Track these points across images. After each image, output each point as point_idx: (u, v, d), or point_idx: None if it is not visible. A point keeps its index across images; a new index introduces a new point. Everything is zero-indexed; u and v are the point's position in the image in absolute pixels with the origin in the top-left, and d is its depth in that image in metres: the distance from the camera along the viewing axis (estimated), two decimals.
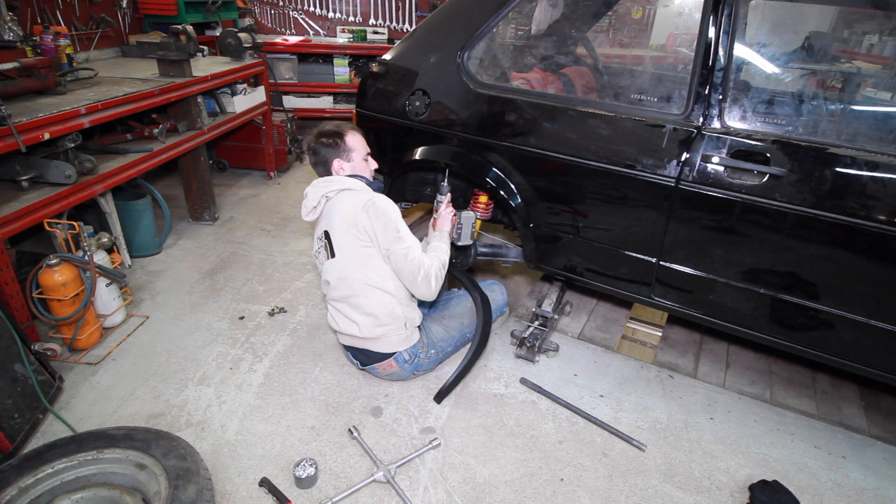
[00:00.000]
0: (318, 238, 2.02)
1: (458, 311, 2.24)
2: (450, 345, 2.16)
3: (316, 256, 2.06)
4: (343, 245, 1.91)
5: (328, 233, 1.94)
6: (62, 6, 3.34)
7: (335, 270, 1.94)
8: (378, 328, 1.95)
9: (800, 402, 2.19)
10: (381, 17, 5.57)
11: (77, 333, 2.17)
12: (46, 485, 1.49)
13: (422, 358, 2.06)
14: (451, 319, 2.20)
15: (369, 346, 2.00)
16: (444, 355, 2.17)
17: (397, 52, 2.47)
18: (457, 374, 2.08)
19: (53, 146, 2.25)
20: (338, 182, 1.95)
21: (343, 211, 1.89)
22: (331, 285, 1.99)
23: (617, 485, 1.76)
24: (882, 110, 2.23)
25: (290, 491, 1.65)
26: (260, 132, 4.14)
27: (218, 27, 4.76)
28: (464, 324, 2.20)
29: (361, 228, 1.87)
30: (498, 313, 2.39)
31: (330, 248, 1.94)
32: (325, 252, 1.98)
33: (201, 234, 3.28)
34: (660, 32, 4.34)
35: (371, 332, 1.95)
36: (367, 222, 1.86)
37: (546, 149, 2.08)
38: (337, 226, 1.90)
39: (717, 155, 1.77)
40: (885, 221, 1.58)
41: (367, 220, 1.86)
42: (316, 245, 2.04)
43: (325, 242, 1.96)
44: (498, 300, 2.36)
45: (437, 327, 2.15)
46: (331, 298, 2.04)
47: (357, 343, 2.02)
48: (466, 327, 2.20)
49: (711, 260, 1.90)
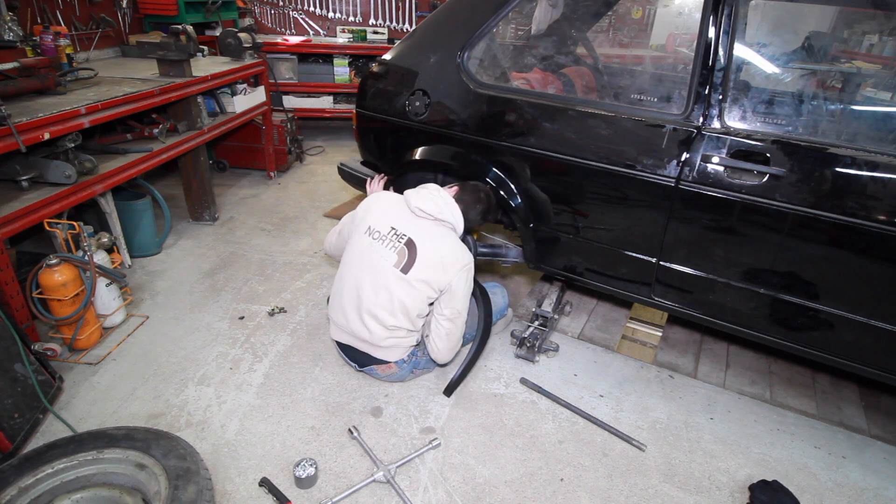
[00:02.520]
0: (394, 230, 1.91)
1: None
2: None
3: (373, 236, 1.93)
4: (422, 275, 1.86)
5: (415, 247, 1.87)
6: (62, 6, 3.34)
7: (394, 282, 1.87)
8: (390, 340, 1.95)
9: (800, 402, 2.19)
10: (381, 17, 5.57)
11: (77, 333, 2.17)
12: (46, 485, 1.48)
13: (419, 356, 2.06)
14: None
15: (372, 352, 2.00)
16: None
17: (397, 52, 2.47)
18: (464, 366, 2.10)
19: (53, 146, 2.25)
20: (455, 217, 1.95)
21: (444, 252, 1.88)
22: (367, 274, 1.90)
23: (617, 485, 1.76)
24: (882, 110, 2.23)
25: (290, 491, 1.65)
26: (260, 132, 4.14)
27: (218, 27, 4.76)
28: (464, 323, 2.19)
29: (445, 281, 1.87)
30: (499, 315, 2.38)
31: (408, 263, 1.86)
32: (395, 256, 1.88)
33: (201, 234, 3.28)
34: (660, 32, 4.34)
35: (381, 342, 1.94)
36: (457, 283, 1.88)
37: (546, 149, 2.08)
38: (430, 257, 1.86)
39: (716, 155, 1.77)
40: (885, 221, 1.58)
41: (459, 282, 1.89)
42: (385, 230, 1.92)
43: (405, 251, 1.88)
44: (499, 303, 2.35)
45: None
46: (351, 290, 1.94)
47: (359, 345, 2.01)
48: (467, 326, 2.19)
49: (711, 260, 1.90)
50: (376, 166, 2.71)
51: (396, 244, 1.89)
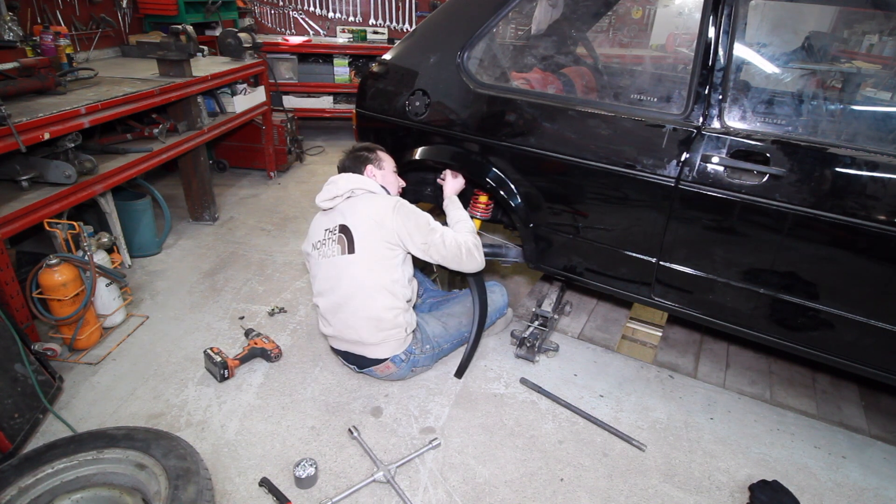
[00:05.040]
0: (326, 230, 1.98)
1: (456, 310, 2.25)
2: (446, 342, 2.16)
3: (317, 247, 2.00)
4: (366, 243, 1.90)
5: (347, 228, 1.93)
6: (62, 6, 3.34)
7: (350, 266, 1.92)
8: (380, 333, 1.94)
9: (800, 402, 2.19)
10: (381, 17, 5.57)
11: (77, 333, 2.17)
12: (46, 485, 1.48)
13: (417, 354, 2.06)
14: (449, 318, 2.20)
15: (366, 353, 2.00)
16: (440, 352, 2.16)
17: (397, 52, 2.47)
18: (470, 349, 2.20)
19: (53, 146, 2.25)
20: (369, 184, 2.00)
21: (369, 211, 1.92)
22: (333, 280, 1.95)
23: (617, 485, 1.76)
24: (882, 110, 2.23)
25: (290, 491, 1.65)
26: (260, 132, 4.14)
27: (218, 27, 4.76)
28: (462, 322, 2.20)
29: (390, 230, 1.89)
30: (498, 315, 2.38)
31: (349, 243, 1.92)
32: (338, 246, 1.94)
33: (201, 234, 3.28)
34: (660, 32, 4.34)
35: (372, 338, 1.94)
36: (399, 223, 1.90)
37: (546, 149, 2.08)
38: (362, 223, 1.91)
39: (716, 155, 1.77)
40: (885, 221, 1.58)
41: (399, 220, 1.90)
42: (321, 236, 1.99)
43: (342, 237, 1.94)
44: (497, 301, 2.35)
45: (435, 323, 2.15)
46: (328, 299, 1.99)
47: (354, 349, 2.02)
48: (465, 326, 2.20)
49: (711, 260, 1.90)
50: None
51: (333, 237, 1.97)
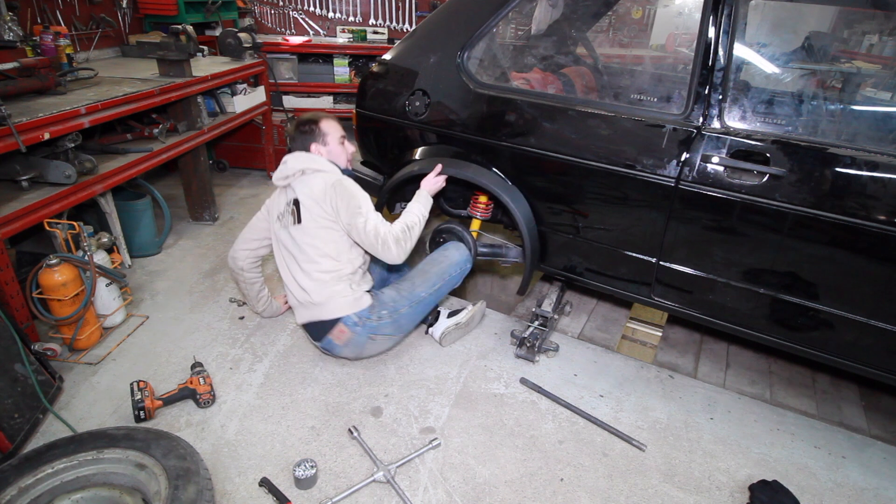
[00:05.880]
0: (286, 203, 2.15)
1: (411, 274, 2.26)
2: (402, 304, 2.14)
3: (279, 219, 2.17)
4: (309, 216, 2.06)
5: (298, 202, 2.08)
6: (62, 6, 3.34)
7: (298, 235, 2.08)
8: (325, 289, 2.04)
9: (800, 402, 2.19)
10: (381, 17, 5.57)
11: (77, 333, 2.17)
12: (46, 485, 1.48)
13: (373, 320, 2.07)
14: (403, 282, 2.22)
15: (318, 313, 2.07)
16: (399, 316, 2.13)
17: (397, 52, 2.47)
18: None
19: (53, 146, 2.24)
20: (317, 162, 2.10)
21: (314, 188, 2.06)
22: (288, 247, 2.12)
23: (617, 485, 1.76)
24: (882, 110, 2.23)
25: (290, 491, 1.65)
26: (260, 132, 4.14)
27: (218, 27, 4.76)
28: (415, 283, 2.19)
29: (328, 204, 2.02)
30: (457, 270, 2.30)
31: (298, 215, 2.08)
32: (291, 217, 2.11)
33: (201, 234, 3.28)
34: (660, 32, 4.34)
35: (318, 296, 2.05)
36: (334, 198, 2.02)
37: (546, 149, 2.08)
38: (307, 199, 2.06)
39: (716, 155, 1.77)
40: (885, 221, 1.58)
41: (334, 196, 2.02)
42: (280, 209, 2.17)
43: (294, 209, 2.10)
44: (453, 256, 2.30)
45: (389, 290, 2.17)
46: (283, 267, 2.17)
47: (308, 313, 2.09)
48: (419, 286, 2.19)
49: (711, 260, 1.90)
50: (377, 166, 2.71)
51: (289, 209, 2.13)
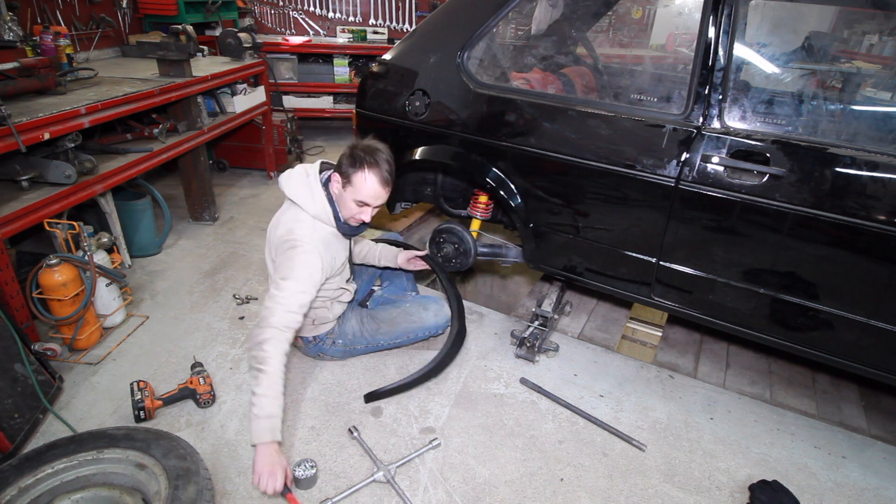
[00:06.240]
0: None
1: (383, 316, 2.19)
2: (359, 343, 2.15)
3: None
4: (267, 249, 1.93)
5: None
6: (62, 6, 3.34)
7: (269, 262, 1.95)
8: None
9: (800, 402, 2.19)
10: (381, 17, 5.57)
11: (77, 333, 2.17)
12: (46, 485, 1.48)
13: (326, 344, 2.11)
14: (371, 321, 2.17)
15: None
16: (351, 350, 2.17)
17: (397, 52, 2.47)
18: (398, 385, 2.02)
19: (53, 146, 2.25)
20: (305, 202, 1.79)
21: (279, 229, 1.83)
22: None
23: (617, 485, 1.76)
24: (882, 110, 2.23)
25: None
26: (260, 132, 4.14)
27: (218, 27, 4.76)
28: (379, 329, 2.16)
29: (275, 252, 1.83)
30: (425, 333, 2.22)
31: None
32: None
33: (201, 234, 3.28)
34: (660, 32, 4.35)
35: None
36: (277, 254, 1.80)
37: (546, 149, 2.08)
38: (271, 232, 1.88)
39: (716, 155, 1.77)
40: (885, 221, 1.58)
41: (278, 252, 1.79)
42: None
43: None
44: (427, 320, 2.18)
45: (355, 322, 2.16)
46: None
47: None
48: (382, 334, 2.16)
49: (711, 260, 1.90)
50: None
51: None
